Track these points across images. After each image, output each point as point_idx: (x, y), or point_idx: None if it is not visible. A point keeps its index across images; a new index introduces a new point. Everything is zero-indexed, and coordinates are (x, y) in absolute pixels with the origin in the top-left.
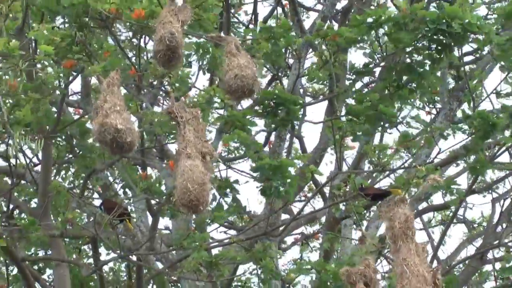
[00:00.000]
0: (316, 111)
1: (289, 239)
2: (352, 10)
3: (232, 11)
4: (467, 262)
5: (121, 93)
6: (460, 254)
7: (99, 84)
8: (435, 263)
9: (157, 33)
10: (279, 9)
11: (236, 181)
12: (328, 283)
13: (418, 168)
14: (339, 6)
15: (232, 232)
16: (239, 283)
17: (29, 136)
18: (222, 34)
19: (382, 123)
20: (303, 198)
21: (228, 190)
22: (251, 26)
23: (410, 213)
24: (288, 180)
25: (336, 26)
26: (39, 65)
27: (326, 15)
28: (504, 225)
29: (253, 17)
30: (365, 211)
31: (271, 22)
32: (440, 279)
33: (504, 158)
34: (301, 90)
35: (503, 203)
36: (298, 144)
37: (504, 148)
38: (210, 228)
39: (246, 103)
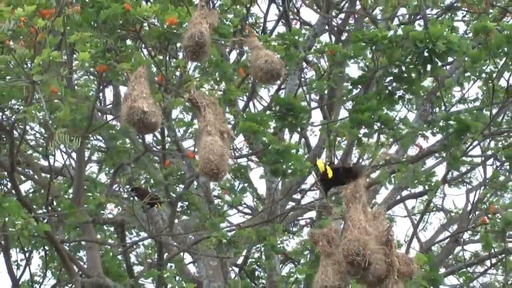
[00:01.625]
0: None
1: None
2: (347, 27)
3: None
4: (445, 243)
5: (147, 83)
6: (438, 237)
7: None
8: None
9: (188, 31)
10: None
11: (248, 166)
12: None
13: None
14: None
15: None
16: (253, 260)
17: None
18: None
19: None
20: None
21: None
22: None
23: (359, 181)
24: (292, 162)
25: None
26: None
27: (316, 32)
28: (477, 213)
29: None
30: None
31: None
32: (393, 235)
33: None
34: (307, 96)
35: (475, 194)
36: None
37: (475, 143)
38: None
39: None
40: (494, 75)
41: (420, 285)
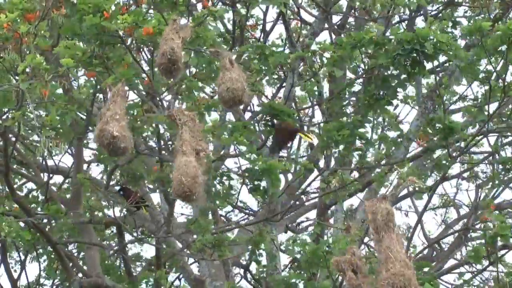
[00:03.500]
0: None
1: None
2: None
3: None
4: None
5: (124, 103)
6: (446, 233)
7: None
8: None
9: (160, 49)
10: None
11: (229, 170)
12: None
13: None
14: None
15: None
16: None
17: (54, 141)
18: (218, 50)
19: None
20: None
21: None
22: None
23: (391, 208)
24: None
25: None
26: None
27: (315, 31)
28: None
29: (262, 34)
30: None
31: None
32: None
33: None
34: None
35: (480, 191)
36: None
37: (473, 142)
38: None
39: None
40: (494, 75)
41: None
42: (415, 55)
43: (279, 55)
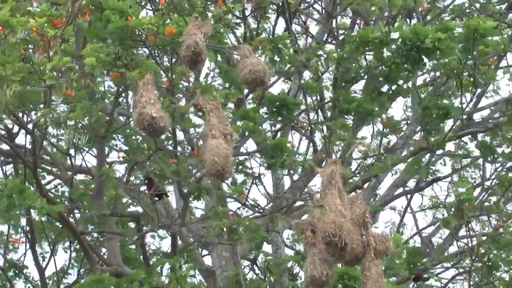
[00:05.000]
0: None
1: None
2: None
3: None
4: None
5: (154, 90)
6: (438, 232)
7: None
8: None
9: (184, 43)
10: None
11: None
12: None
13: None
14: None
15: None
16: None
17: (80, 135)
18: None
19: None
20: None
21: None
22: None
23: (335, 168)
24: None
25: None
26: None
27: (318, 41)
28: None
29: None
30: None
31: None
32: (369, 217)
33: None
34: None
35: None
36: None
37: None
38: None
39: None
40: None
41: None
42: (415, 53)
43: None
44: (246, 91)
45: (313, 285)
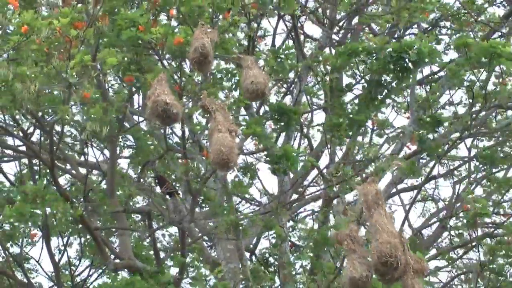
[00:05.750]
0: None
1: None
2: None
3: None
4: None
5: (167, 86)
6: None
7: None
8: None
9: (192, 46)
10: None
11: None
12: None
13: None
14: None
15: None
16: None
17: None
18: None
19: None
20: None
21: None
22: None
23: (379, 188)
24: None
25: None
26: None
27: (322, 44)
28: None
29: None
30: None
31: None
32: (405, 237)
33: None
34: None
35: (459, 186)
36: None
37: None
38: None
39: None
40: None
41: None
42: (402, 62)
43: (292, 56)
44: None
45: (353, 286)
